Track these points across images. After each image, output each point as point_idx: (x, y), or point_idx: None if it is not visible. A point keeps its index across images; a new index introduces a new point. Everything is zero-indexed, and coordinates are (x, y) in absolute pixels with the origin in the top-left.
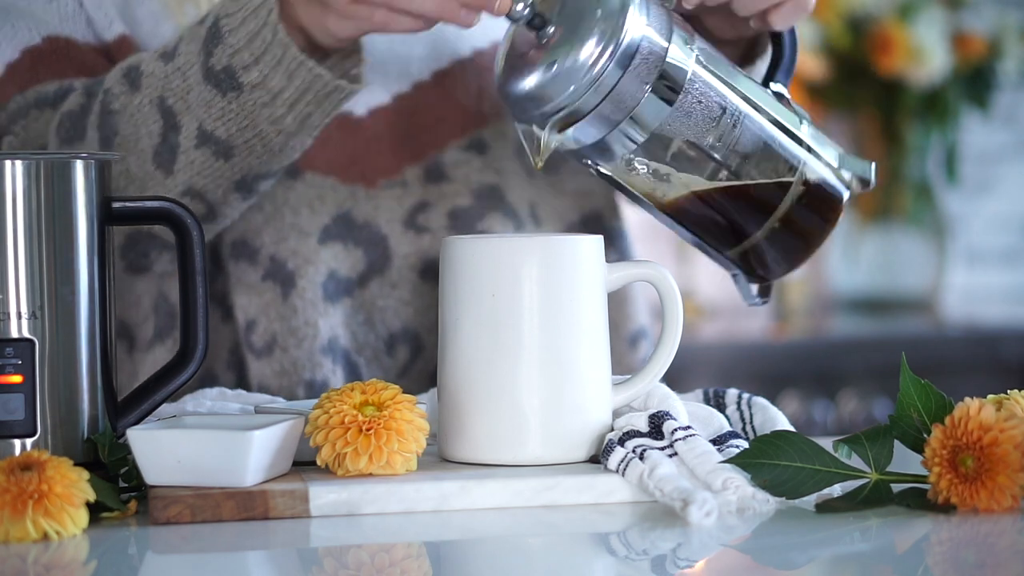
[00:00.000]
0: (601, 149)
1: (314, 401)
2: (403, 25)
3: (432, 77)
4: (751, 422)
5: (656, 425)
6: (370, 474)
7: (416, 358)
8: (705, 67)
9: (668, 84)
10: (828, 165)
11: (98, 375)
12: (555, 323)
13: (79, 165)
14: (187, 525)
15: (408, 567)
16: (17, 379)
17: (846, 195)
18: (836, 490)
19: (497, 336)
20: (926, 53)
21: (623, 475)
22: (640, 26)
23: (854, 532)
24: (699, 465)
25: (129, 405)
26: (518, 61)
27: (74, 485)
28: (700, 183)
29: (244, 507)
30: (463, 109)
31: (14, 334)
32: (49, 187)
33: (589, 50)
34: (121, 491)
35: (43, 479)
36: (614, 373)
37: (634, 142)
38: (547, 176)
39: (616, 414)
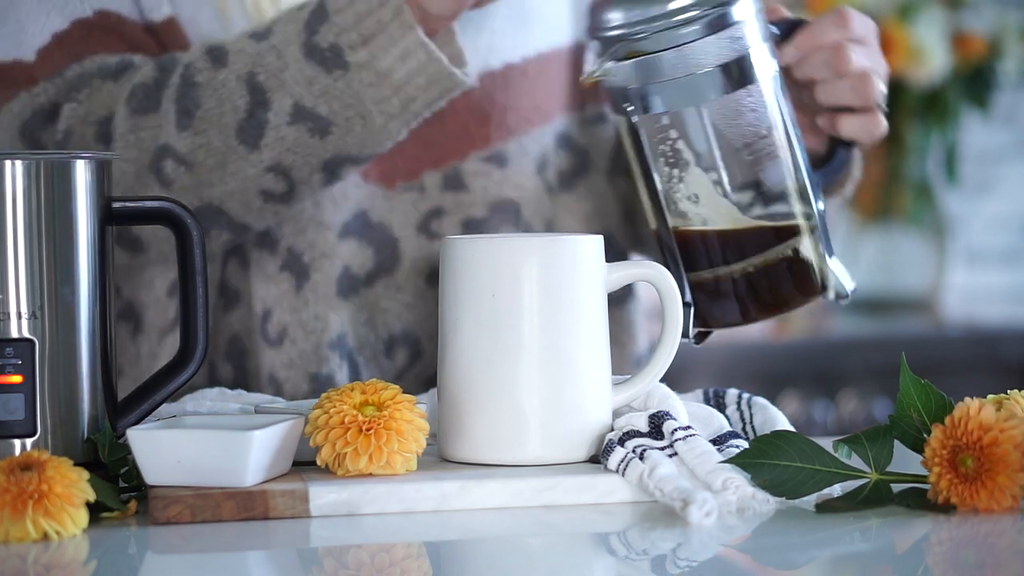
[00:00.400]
0: (647, 97)
1: (314, 401)
2: None
3: None
4: (751, 422)
5: (656, 425)
6: (370, 474)
7: (414, 363)
8: (775, 89)
9: (738, 73)
10: (821, 255)
11: (98, 375)
12: (555, 323)
13: (79, 165)
14: (187, 525)
15: (408, 567)
16: (17, 379)
17: (818, 290)
18: (836, 490)
19: (497, 336)
20: (926, 53)
21: (623, 475)
22: (747, 9)
23: (854, 532)
24: (699, 465)
25: (129, 405)
26: None
27: (74, 485)
28: (709, 189)
29: (244, 507)
30: (489, 120)
31: (14, 334)
32: (49, 187)
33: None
34: (121, 491)
35: (43, 479)
36: None
37: (676, 106)
38: (564, 195)
39: (616, 414)
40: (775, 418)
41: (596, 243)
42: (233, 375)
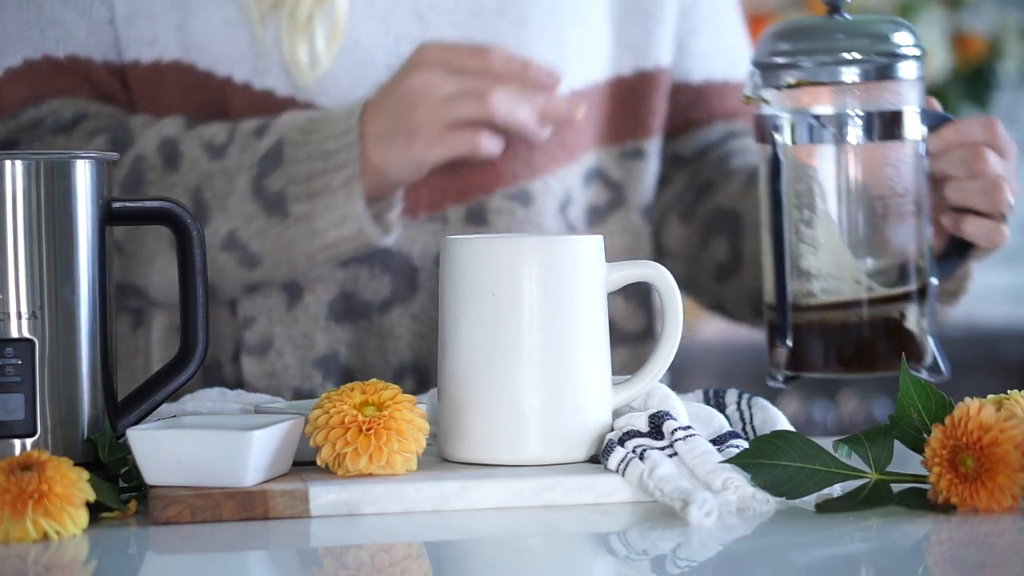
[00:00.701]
0: (796, 129)
1: (314, 401)
2: (492, 148)
3: None
4: (751, 422)
5: (656, 425)
6: (370, 474)
7: (419, 392)
8: (919, 156)
9: (888, 126)
10: (924, 330)
11: (98, 375)
12: (555, 323)
13: (79, 165)
14: (187, 525)
15: (408, 567)
16: (17, 379)
17: (916, 357)
18: (836, 490)
19: (497, 336)
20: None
21: (623, 475)
22: (911, 70)
23: (854, 532)
24: (699, 465)
25: (129, 405)
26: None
27: (74, 485)
28: (834, 235)
29: (244, 507)
30: (515, 157)
31: (14, 334)
32: (49, 187)
33: (860, 44)
34: (121, 491)
35: (43, 479)
36: None
37: (822, 141)
38: (594, 229)
39: (616, 414)
40: (775, 418)
41: (596, 243)
42: (237, 379)
